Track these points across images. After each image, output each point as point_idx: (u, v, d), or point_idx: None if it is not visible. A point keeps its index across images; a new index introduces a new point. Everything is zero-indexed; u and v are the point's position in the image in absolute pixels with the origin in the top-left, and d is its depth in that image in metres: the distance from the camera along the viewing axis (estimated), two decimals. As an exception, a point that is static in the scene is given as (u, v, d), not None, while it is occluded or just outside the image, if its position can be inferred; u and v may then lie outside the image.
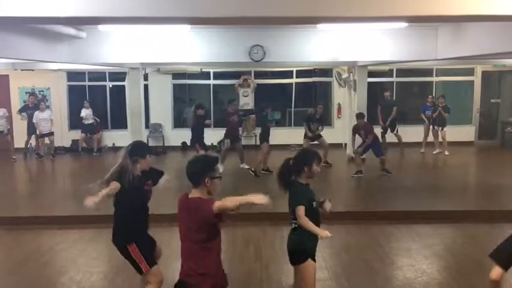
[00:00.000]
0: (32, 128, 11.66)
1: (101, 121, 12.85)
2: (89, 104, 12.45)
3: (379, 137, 10.03)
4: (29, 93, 12.65)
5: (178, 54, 8.70)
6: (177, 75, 13.19)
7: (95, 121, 12.52)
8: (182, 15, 3.64)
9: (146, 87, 12.07)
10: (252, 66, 12.19)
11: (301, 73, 13.18)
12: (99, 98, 13.33)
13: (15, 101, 12.70)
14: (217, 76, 13.32)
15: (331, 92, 13.32)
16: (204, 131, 9.29)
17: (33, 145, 12.01)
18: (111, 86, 13.34)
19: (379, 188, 8.34)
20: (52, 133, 11.84)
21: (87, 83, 13.23)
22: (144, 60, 9.09)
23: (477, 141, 13.35)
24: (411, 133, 12.07)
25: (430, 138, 11.87)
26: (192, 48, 8.61)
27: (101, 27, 7.65)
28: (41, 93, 12.93)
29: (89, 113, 12.37)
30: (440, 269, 4.97)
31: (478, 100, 13.40)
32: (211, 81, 13.27)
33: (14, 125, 12.04)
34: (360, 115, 9.26)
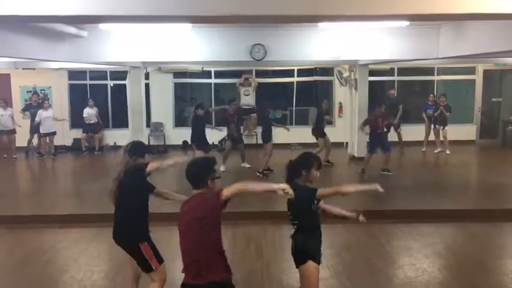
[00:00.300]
0: (34, 126, 11.67)
1: (103, 121, 12.83)
2: (93, 103, 12.43)
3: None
4: (32, 92, 12.65)
5: (179, 53, 8.70)
6: (178, 74, 13.19)
7: (98, 121, 12.51)
8: (183, 14, 3.65)
9: (147, 86, 12.10)
10: (253, 65, 12.17)
11: (302, 72, 13.17)
12: (101, 96, 13.30)
13: (16, 100, 12.69)
14: (219, 75, 13.30)
15: (332, 91, 13.30)
16: (204, 131, 9.29)
17: (35, 144, 12.02)
18: (112, 84, 13.33)
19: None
20: (54, 132, 11.88)
21: (88, 82, 13.23)
22: (145, 59, 9.11)
23: (478, 140, 13.33)
24: (412, 132, 12.06)
25: (431, 137, 11.86)
26: (193, 47, 8.61)
27: (102, 26, 7.63)
28: (42, 92, 12.93)
29: (92, 112, 12.35)
30: (441, 267, 4.97)
31: (480, 99, 13.38)
32: (213, 80, 13.27)
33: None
34: (378, 104, 9.44)
